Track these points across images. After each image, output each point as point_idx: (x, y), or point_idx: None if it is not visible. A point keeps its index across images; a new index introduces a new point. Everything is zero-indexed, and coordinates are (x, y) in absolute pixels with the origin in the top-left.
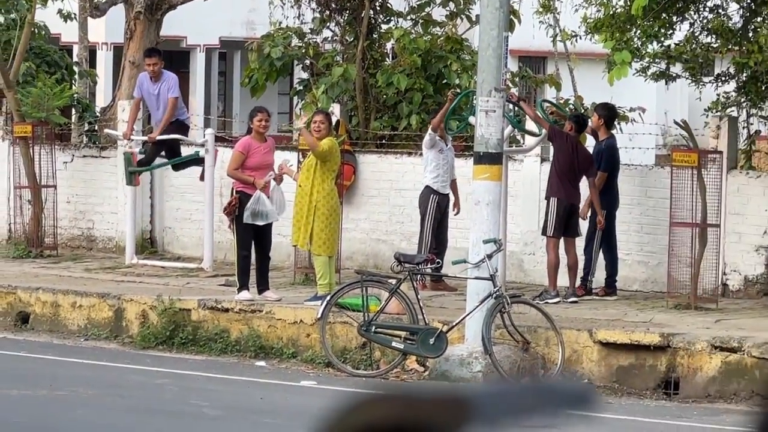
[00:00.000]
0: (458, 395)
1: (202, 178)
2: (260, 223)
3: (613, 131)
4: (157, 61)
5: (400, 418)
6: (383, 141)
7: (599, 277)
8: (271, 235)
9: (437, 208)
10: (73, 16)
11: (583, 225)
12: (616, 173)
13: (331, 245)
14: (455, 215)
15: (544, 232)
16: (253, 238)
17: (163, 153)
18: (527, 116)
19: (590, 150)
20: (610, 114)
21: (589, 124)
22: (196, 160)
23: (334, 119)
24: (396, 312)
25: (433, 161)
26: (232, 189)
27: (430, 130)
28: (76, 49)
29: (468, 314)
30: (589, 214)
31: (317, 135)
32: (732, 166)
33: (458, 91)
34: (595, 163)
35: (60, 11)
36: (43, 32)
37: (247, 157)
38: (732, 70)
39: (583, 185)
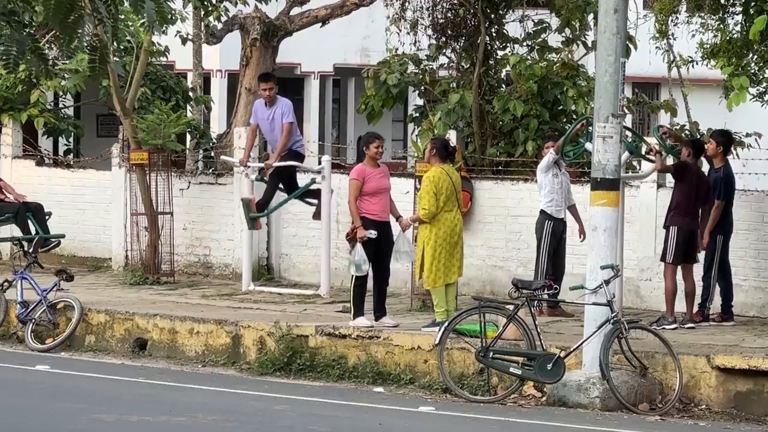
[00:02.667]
0: None
1: (316, 216)
2: (358, 274)
3: (729, 157)
4: (272, 86)
5: None
6: (499, 167)
7: (716, 303)
8: (389, 261)
9: (552, 234)
10: (190, 38)
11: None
12: (732, 200)
13: (442, 276)
14: (582, 241)
15: (662, 259)
16: (371, 263)
17: (281, 185)
18: (651, 154)
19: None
20: (727, 140)
21: (706, 150)
22: (314, 193)
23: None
24: (513, 338)
25: (547, 185)
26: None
27: (552, 152)
28: (190, 77)
29: (585, 340)
30: (707, 243)
31: (428, 160)
32: None
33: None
34: (714, 191)
35: (179, 33)
36: (163, 51)
37: (364, 183)
38: None
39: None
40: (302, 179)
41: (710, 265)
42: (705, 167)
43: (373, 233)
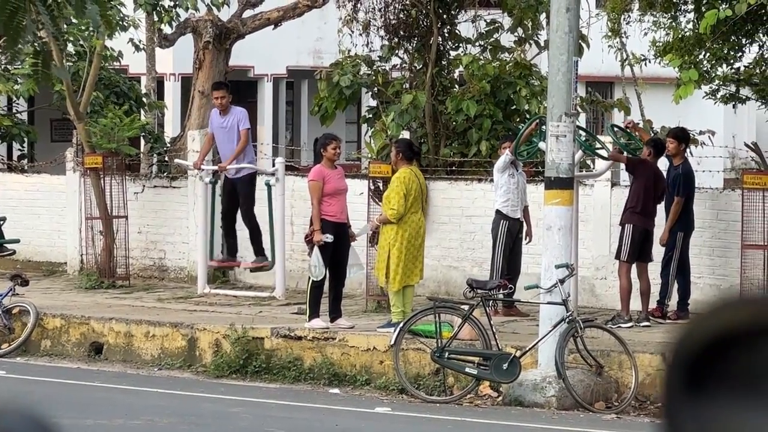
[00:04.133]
0: None
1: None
2: (315, 278)
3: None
4: (225, 94)
5: (761, 319)
6: (453, 168)
7: (671, 301)
8: (346, 263)
9: (508, 234)
10: (142, 46)
11: (659, 250)
12: (692, 197)
13: (404, 279)
14: (527, 243)
15: (617, 257)
16: (328, 266)
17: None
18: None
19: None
20: (685, 138)
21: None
22: None
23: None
24: (469, 338)
25: (503, 185)
26: (311, 218)
27: (508, 153)
28: (144, 80)
29: (541, 339)
30: (666, 239)
31: (392, 162)
32: None
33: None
34: (673, 188)
35: (131, 40)
36: (116, 56)
37: (323, 184)
38: None
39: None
40: (259, 183)
41: (668, 261)
42: (662, 165)
43: (329, 237)
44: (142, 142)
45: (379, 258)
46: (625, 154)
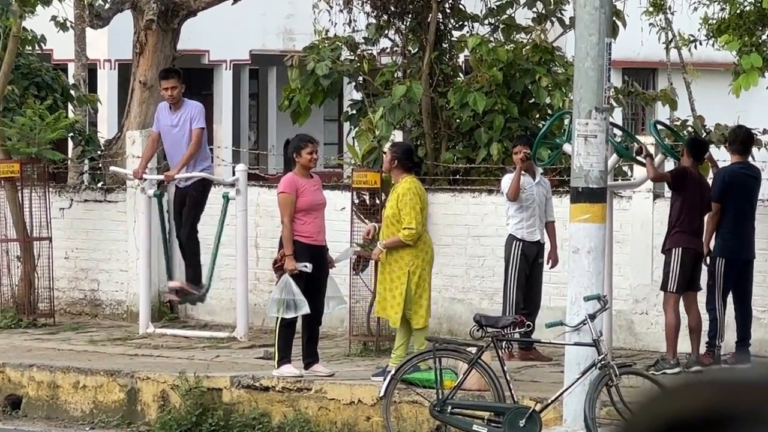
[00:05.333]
0: None
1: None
2: (288, 316)
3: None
4: (176, 84)
5: (719, 407)
6: (457, 176)
7: (729, 340)
8: (324, 297)
9: (523, 258)
10: (69, 24)
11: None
12: (737, 212)
13: (430, 311)
14: (550, 268)
15: (663, 287)
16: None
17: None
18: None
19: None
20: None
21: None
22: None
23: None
24: (477, 388)
25: (514, 203)
26: (280, 239)
27: (507, 195)
28: (72, 68)
29: (566, 389)
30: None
31: (386, 167)
32: None
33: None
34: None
35: (54, 18)
36: (37, 39)
37: (296, 197)
38: None
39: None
40: (213, 194)
41: (712, 290)
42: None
43: (307, 266)
44: (70, 145)
45: (385, 291)
46: (660, 165)
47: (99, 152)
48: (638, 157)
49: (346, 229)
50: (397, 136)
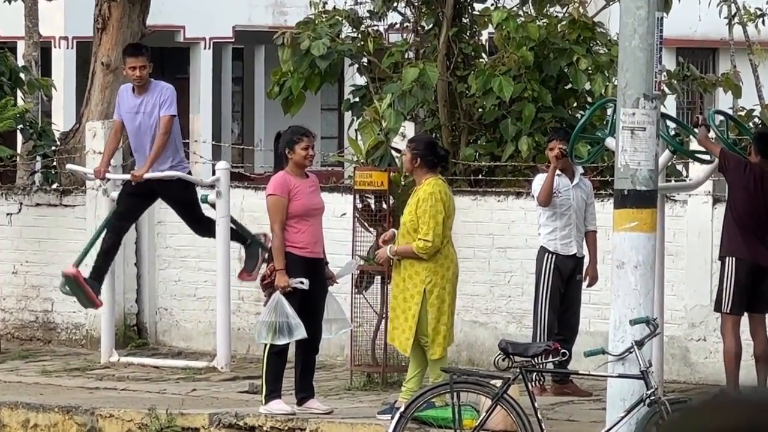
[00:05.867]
0: None
1: (244, 275)
2: (280, 342)
3: None
4: (144, 63)
5: (749, 426)
6: (480, 176)
7: None
8: (321, 320)
9: (556, 274)
10: None
11: None
12: None
13: (450, 337)
14: (588, 286)
15: (717, 307)
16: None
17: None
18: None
19: None
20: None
21: None
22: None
23: (403, 145)
24: (502, 428)
25: (547, 210)
26: (269, 250)
27: (538, 199)
28: (21, 47)
29: (609, 430)
30: None
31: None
32: None
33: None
34: None
35: None
36: None
37: (289, 201)
38: None
39: None
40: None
41: None
42: None
43: (304, 283)
44: (19, 138)
45: (398, 313)
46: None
47: (53, 147)
48: (696, 129)
49: (347, 239)
50: (408, 128)
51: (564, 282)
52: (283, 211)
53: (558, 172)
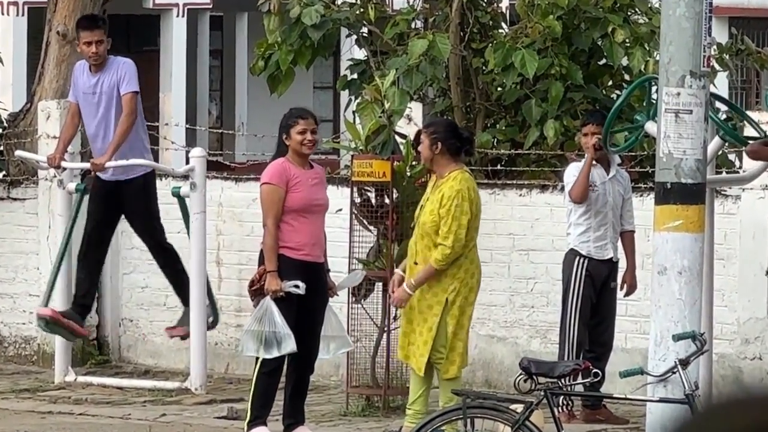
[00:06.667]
0: None
1: (173, 330)
2: (268, 356)
3: None
4: (101, 38)
5: None
6: (498, 166)
7: None
8: (319, 334)
9: (588, 282)
10: None
11: None
12: None
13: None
14: (625, 295)
15: None
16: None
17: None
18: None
19: None
20: None
21: None
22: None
23: (413, 130)
24: None
25: (580, 206)
26: (261, 252)
27: (569, 194)
28: None
29: None
30: None
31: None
32: None
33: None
34: None
35: None
36: None
37: (287, 192)
38: None
39: None
40: (160, 189)
41: None
42: None
43: (299, 287)
44: None
45: (414, 326)
46: None
47: (0, 131)
48: (747, 148)
49: (343, 239)
50: (415, 110)
51: (597, 291)
52: (278, 204)
53: (594, 162)
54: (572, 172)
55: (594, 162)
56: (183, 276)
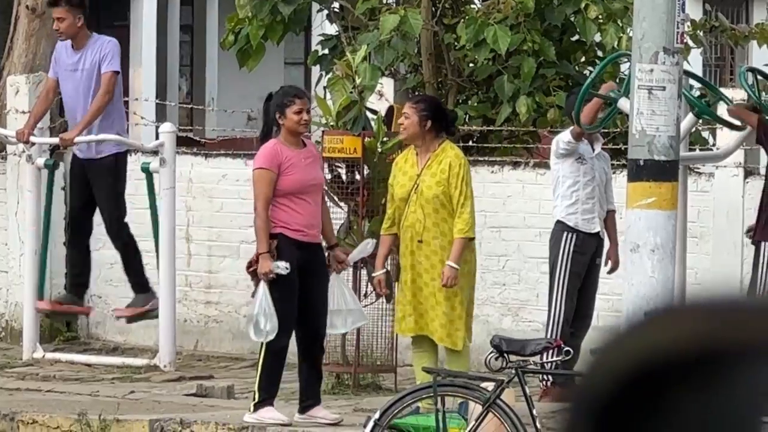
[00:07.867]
0: None
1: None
2: (260, 339)
3: None
4: (62, 15)
5: (713, 338)
6: (470, 143)
7: None
8: (324, 314)
9: (577, 256)
10: None
11: None
12: None
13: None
14: (609, 272)
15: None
16: (293, 318)
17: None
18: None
19: None
20: None
21: None
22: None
23: (384, 106)
24: None
25: (568, 177)
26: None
27: (569, 136)
28: None
29: None
30: None
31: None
32: None
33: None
34: None
35: None
36: None
37: (280, 175)
38: None
39: None
40: (130, 164)
41: None
42: None
43: (280, 266)
44: None
45: (433, 303)
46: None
47: None
48: (729, 107)
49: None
50: (387, 85)
51: (585, 266)
52: (269, 187)
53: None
54: (564, 138)
55: (582, 138)
56: (137, 263)
